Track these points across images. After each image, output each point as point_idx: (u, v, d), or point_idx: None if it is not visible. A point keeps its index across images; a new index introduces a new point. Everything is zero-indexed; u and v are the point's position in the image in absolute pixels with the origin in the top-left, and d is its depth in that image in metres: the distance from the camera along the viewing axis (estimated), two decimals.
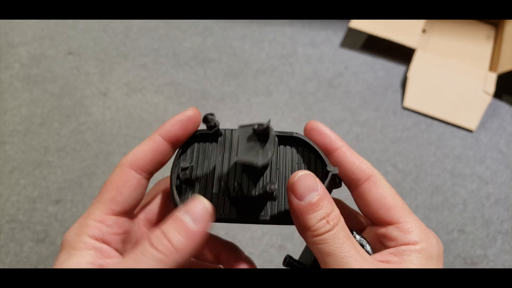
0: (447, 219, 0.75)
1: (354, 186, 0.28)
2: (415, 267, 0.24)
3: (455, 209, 0.76)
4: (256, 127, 0.24)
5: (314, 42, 1.04)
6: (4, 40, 0.96)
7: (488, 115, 0.91)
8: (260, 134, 0.25)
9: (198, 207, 0.24)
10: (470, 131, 0.88)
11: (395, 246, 0.25)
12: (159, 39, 1.01)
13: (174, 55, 0.97)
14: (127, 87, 0.90)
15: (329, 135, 0.28)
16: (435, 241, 0.25)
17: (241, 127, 0.25)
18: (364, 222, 0.31)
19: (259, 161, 0.24)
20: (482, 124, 0.89)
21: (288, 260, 0.29)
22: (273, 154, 0.24)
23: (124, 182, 0.27)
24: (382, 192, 0.27)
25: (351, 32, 1.06)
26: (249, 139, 0.25)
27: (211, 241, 0.33)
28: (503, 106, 0.94)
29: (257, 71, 0.96)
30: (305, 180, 0.25)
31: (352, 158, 0.28)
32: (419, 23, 0.99)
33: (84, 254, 0.25)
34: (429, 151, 0.84)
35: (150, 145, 0.28)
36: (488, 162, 0.84)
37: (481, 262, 0.70)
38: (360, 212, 0.29)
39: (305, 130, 0.29)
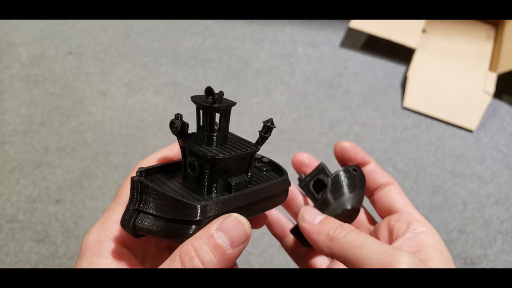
0: (447, 219, 0.75)
1: (375, 192, 0.34)
2: (434, 250, 0.28)
3: (455, 209, 0.76)
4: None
5: (314, 42, 1.04)
6: (4, 40, 0.96)
7: (488, 115, 0.91)
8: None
9: (238, 230, 0.22)
10: (470, 131, 0.88)
11: (407, 228, 0.29)
12: (159, 39, 1.01)
13: (174, 55, 0.97)
14: (127, 87, 0.90)
15: (362, 154, 0.34)
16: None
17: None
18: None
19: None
20: (482, 124, 0.89)
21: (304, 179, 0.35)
22: None
23: None
24: (394, 194, 0.32)
25: (351, 32, 1.06)
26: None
27: None
28: (503, 106, 0.94)
29: (257, 71, 0.96)
30: (310, 209, 0.30)
31: (374, 172, 0.34)
32: (419, 23, 0.99)
33: (109, 262, 0.24)
34: (429, 151, 0.84)
35: (165, 151, 0.30)
36: (488, 162, 0.84)
37: (481, 262, 0.70)
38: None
39: (339, 150, 0.34)
